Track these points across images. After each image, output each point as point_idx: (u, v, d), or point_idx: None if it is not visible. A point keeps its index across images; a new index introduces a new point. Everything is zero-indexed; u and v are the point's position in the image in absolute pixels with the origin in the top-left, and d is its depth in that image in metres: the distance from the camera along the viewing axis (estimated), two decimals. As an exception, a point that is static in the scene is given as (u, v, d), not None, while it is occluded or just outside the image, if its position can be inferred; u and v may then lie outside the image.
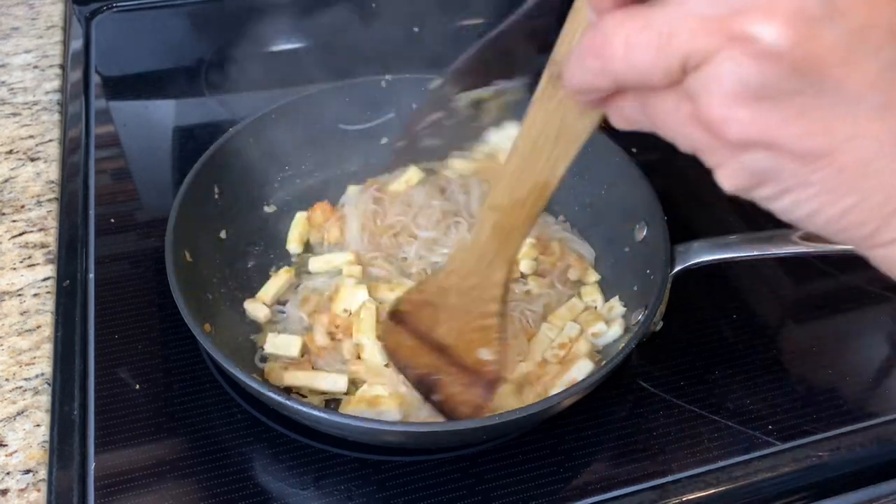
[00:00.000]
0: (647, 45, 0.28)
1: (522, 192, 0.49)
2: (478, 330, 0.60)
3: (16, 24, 1.05)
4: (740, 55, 0.26)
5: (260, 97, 0.99)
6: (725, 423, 0.65)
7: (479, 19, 1.16)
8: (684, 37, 0.27)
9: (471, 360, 0.61)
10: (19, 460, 0.60)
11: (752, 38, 0.26)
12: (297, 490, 0.60)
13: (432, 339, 0.61)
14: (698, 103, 0.28)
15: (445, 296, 0.59)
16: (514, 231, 0.53)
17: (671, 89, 0.29)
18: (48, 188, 0.82)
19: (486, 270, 0.56)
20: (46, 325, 0.69)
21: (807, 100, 0.26)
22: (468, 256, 0.56)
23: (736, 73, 0.26)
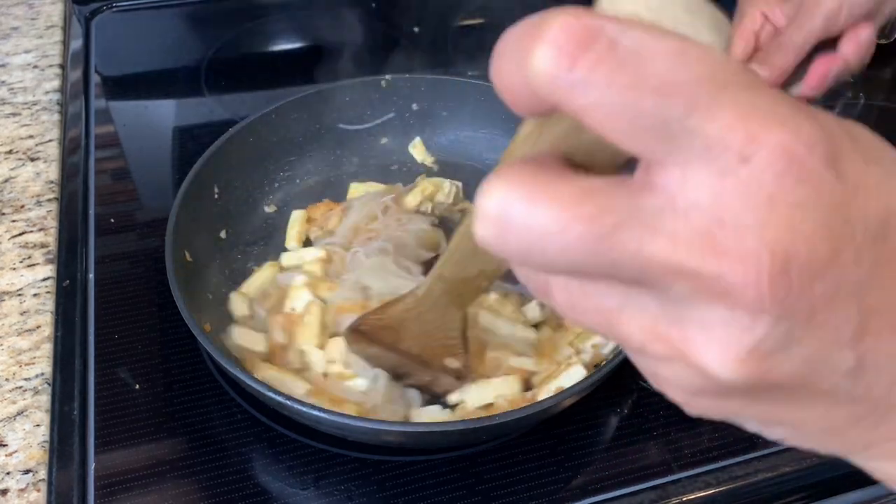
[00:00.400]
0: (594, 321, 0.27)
1: (469, 273, 0.50)
2: (440, 345, 0.61)
3: (15, 24, 1.05)
4: (694, 373, 0.25)
5: (260, 97, 0.99)
6: (725, 423, 0.65)
7: (479, 19, 1.17)
8: (633, 331, 0.26)
9: (436, 366, 0.63)
10: (19, 460, 0.60)
11: (705, 370, 0.24)
12: (297, 490, 0.60)
13: (396, 349, 0.62)
14: (656, 377, 0.28)
15: (404, 323, 0.60)
16: (465, 296, 0.55)
17: None
18: (48, 188, 0.82)
19: (441, 314, 0.57)
20: (46, 325, 0.69)
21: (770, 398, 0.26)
22: (420, 304, 0.57)
23: (692, 383, 0.26)
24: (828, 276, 0.23)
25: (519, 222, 0.23)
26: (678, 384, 0.26)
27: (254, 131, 0.79)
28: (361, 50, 1.08)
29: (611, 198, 0.23)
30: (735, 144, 0.22)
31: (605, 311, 0.26)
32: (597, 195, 0.23)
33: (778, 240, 0.22)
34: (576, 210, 0.23)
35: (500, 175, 0.24)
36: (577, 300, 0.26)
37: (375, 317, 0.62)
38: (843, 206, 0.23)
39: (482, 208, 0.24)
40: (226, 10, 1.16)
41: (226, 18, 1.14)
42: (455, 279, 0.52)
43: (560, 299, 0.27)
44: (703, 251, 0.22)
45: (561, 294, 0.27)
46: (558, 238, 0.23)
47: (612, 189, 0.23)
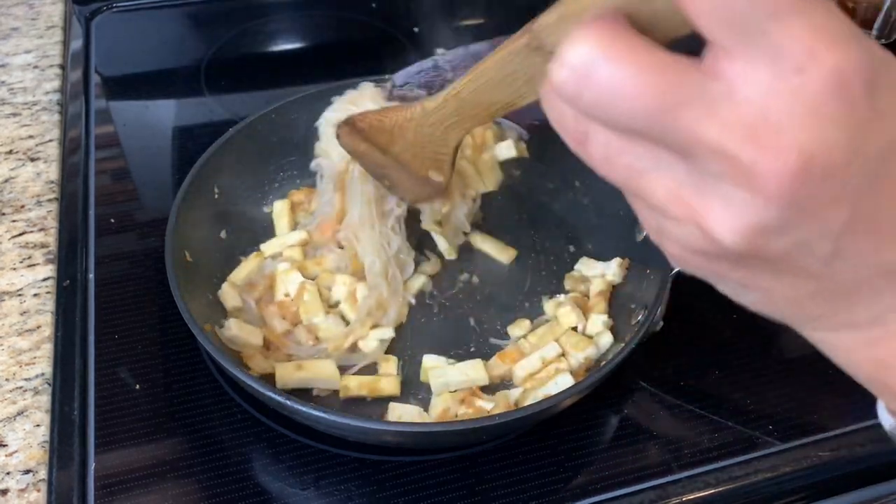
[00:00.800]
0: (624, 175, 0.30)
1: (485, 100, 0.51)
2: (430, 158, 0.64)
3: (16, 24, 1.05)
4: (701, 237, 0.29)
5: (260, 97, 0.99)
6: (725, 423, 0.65)
7: (479, 19, 1.17)
8: (660, 191, 0.29)
9: (422, 175, 0.66)
10: (19, 460, 0.60)
11: (712, 235, 0.29)
12: (297, 490, 0.60)
13: (386, 150, 0.65)
14: (661, 234, 0.32)
15: (402, 130, 0.62)
16: (475, 118, 0.56)
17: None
18: (48, 188, 0.82)
19: (444, 131, 0.60)
20: (46, 325, 0.69)
21: (752, 265, 0.30)
22: (427, 116, 0.60)
23: (695, 244, 0.30)
24: (837, 180, 0.27)
25: (600, 77, 0.27)
26: (681, 242, 0.31)
27: (254, 131, 0.79)
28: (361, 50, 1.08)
29: (683, 75, 0.27)
30: (796, 55, 0.25)
31: (638, 168, 0.29)
32: (672, 70, 0.27)
33: (808, 144, 0.26)
34: (653, 79, 0.26)
35: (590, 28, 0.27)
36: (614, 155, 0.30)
37: (376, 116, 0.64)
38: (867, 125, 0.26)
39: (567, 56, 0.27)
40: (226, 10, 1.16)
41: (226, 18, 1.13)
42: (472, 101, 0.53)
43: (596, 151, 0.30)
44: (746, 139, 0.26)
45: (598, 147, 0.30)
46: (631, 100, 0.27)
47: (685, 68, 0.27)
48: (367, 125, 0.64)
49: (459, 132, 0.60)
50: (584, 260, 0.77)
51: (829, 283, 0.31)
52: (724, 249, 0.29)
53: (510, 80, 0.46)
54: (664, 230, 0.31)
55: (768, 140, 0.26)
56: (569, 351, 0.68)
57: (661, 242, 0.33)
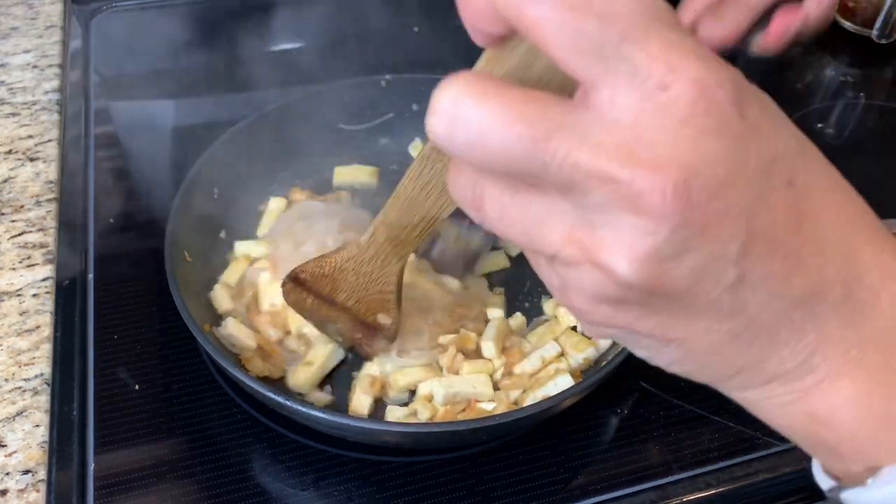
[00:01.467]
0: (520, 229, 0.30)
1: (411, 219, 0.54)
2: (375, 301, 0.64)
3: (15, 24, 1.05)
4: (601, 277, 0.28)
5: (260, 97, 0.99)
6: (725, 423, 0.65)
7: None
8: (554, 237, 0.29)
9: (370, 321, 0.65)
10: (19, 460, 0.60)
11: (610, 270, 0.28)
12: (297, 490, 0.60)
13: (332, 301, 0.64)
14: (565, 287, 0.31)
15: (343, 273, 0.63)
16: (407, 243, 0.58)
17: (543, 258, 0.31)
18: (47, 188, 0.82)
19: (382, 263, 0.61)
20: (46, 325, 0.69)
21: (658, 307, 0.30)
22: (362, 252, 0.60)
23: (594, 286, 0.29)
24: (723, 195, 0.27)
25: (468, 117, 0.27)
26: (582, 289, 0.30)
27: (253, 131, 0.79)
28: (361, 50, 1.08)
29: (551, 107, 0.27)
30: (657, 73, 0.25)
31: (530, 220, 0.29)
32: (539, 102, 0.27)
33: (685, 158, 0.26)
34: (520, 111, 0.26)
35: (456, 77, 0.28)
36: (507, 210, 0.30)
37: (316, 264, 0.63)
38: (742, 139, 0.27)
39: (437, 103, 0.28)
40: (226, 10, 1.16)
41: (226, 18, 1.13)
42: (398, 224, 0.55)
43: (492, 210, 0.30)
44: (621, 160, 0.26)
45: (493, 205, 0.30)
46: (501, 135, 0.26)
47: (553, 101, 0.27)
48: (308, 275, 0.63)
49: (397, 262, 0.61)
50: None
51: (744, 320, 0.30)
52: (624, 286, 0.28)
53: (427, 192, 0.49)
54: (566, 282, 0.30)
55: (645, 156, 0.26)
56: (568, 351, 0.68)
57: (567, 300, 0.32)
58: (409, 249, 0.59)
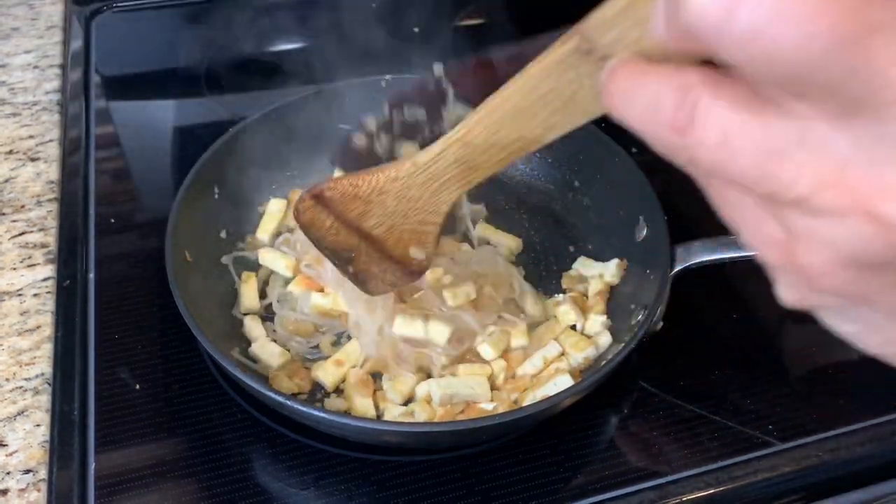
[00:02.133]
0: (753, 161, 0.23)
1: (502, 139, 0.43)
2: (411, 231, 0.55)
3: (16, 25, 1.05)
4: (874, 233, 0.22)
5: (260, 97, 0.99)
6: (725, 423, 0.65)
7: (479, 19, 1.17)
8: (807, 177, 0.23)
9: (397, 253, 0.57)
10: (19, 460, 0.60)
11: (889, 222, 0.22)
12: (297, 490, 0.60)
13: (357, 226, 0.56)
14: (794, 241, 0.24)
15: (382, 196, 0.54)
16: (480, 168, 0.48)
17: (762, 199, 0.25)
18: (48, 188, 0.82)
19: (436, 189, 0.51)
20: (46, 325, 0.69)
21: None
22: (418, 172, 0.51)
23: (861, 246, 0.23)
24: None
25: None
26: (831, 245, 0.23)
27: (254, 131, 0.79)
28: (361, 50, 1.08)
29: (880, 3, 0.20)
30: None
31: (772, 148, 0.23)
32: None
33: None
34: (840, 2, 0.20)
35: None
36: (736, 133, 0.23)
37: (350, 182, 0.55)
38: None
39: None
40: (226, 10, 1.16)
41: (226, 18, 1.13)
42: (482, 143, 0.45)
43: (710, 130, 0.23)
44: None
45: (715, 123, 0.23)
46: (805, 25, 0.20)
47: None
48: (337, 193, 0.55)
49: (456, 189, 0.51)
50: (582, 259, 0.77)
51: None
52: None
53: (540, 106, 0.39)
54: (801, 235, 0.24)
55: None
56: (568, 351, 0.68)
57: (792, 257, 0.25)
58: (477, 177, 0.49)
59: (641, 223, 0.72)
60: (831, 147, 0.22)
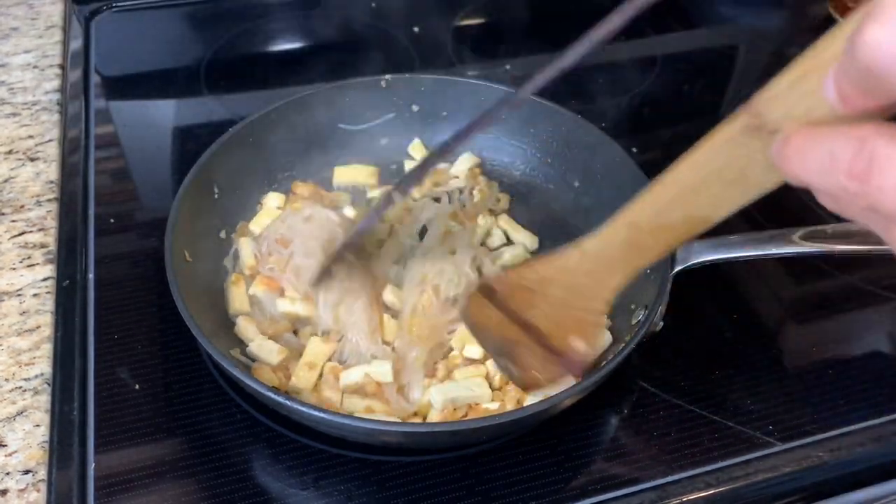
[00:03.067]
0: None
1: (671, 219, 0.44)
2: (574, 320, 0.55)
3: (15, 24, 1.05)
4: None
5: (260, 97, 0.99)
6: (725, 423, 0.65)
7: (479, 19, 1.17)
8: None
9: (559, 345, 0.56)
10: (19, 460, 0.60)
11: None
12: (297, 490, 0.60)
13: (519, 318, 0.56)
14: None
15: (547, 286, 0.54)
16: (648, 250, 0.47)
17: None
18: (48, 188, 0.82)
19: (602, 276, 0.51)
20: (46, 325, 0.69)
21: None
22: (585, 260, 0.51)
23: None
24: None
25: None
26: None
27: (254, 131, 0.79)
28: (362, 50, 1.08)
29: None
30: None
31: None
32: None
33: None
34: None
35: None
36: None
37: (517, 273, 0.56)
38: None
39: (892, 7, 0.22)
40: (226, 10, 1.16)
41: (226, 18, 1.13)
42: (651, 224, 0.45)
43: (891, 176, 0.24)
44: None
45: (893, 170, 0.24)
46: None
47: None
48: (506, 287, 0.55)
49: (621, 276, 0.50)
50: None
51: None
52: None
53: (709, 184, 0.40)
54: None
55: None
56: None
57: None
58: (645, 261, 0.48)
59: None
60: None
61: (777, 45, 1.17)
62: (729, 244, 0.65)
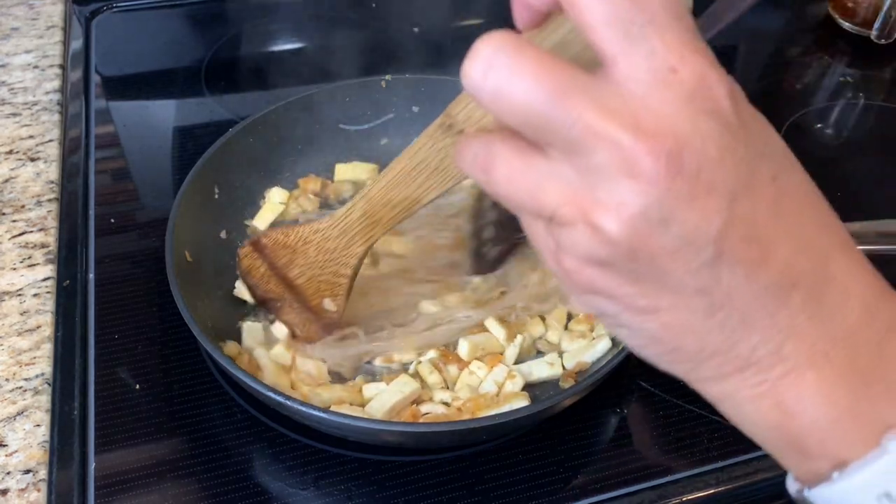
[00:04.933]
0: (524, 188, 0.32)
1: (394, 198, 0.54)
2: (327, 283, 0.64)
3: (16, 25, 1.05)
4: (591, 235, 0.31)
5: (260, 97, 0.99)
6: (725, 423, 0.64)
7: (479, 19, 1.17)
8: (554, 198, 0.32)
9: (314, 304, 0.66)
10: (19, 460, 0.60)
11: (600, 228, 0.30)
12: (297, 490, 0.60)
13: (283, 275, 0.65)
14: (559, 249, 0.33)
15: (306, 246, 0.63)
16: (380, 223, 0.58)
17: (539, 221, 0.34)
18: (48, 188, 0.82)
19: (347, 242, 0.61)
20: (46, 325, 0.69)
21: (641, 273, 0.32)
22: (334, 226, 0.61)
23: (586, 246, 0.31)
24: (711, 171, 0.30)
25: (504, 66, 0.30)
26: (573, 249, 0.32)
27: (254, 131, 0.79)
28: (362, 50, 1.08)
29: (577, 73, 0.30)
30: (670, 59, 0.30)
31: (534, 181, 0.32)
32: (567, 68, 0.30)
33: (682, 131, 0.29)
34: (550, 70, 0.30)
35: (500, 32, 0.31)
36: (515, 171, 0.33)
37: (282, 232, 0.65)
38: (734, 129, 0.30)
39: (479, 49, 0.30)
40: (226, 10, 1.16)
41: (226, 18, 1.14)
42: (380, 201, 0.56)
43: (501, 171, 0.33)
44: (626, 126, 0.29)
45: (502, 166, 0.33)
46: (529, 86, 0.30)
47: (579, 70, 0.30)
48: (270, 241, 0.65)
49: (363, 243, 0.61)
50: None
51: (720, 299, 0.32)
52: (611, 244, 0.31)
53: (419, 171, 0.50)
54: (559, 243, 0.33)
55: (647, 126, 0.29)
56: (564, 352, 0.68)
57: (558, 263, 0.34)
58: (377, 233, 0.59)
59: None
60: (566, 176, 0.31)
61: (777, 45, 1.17)
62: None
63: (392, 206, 0.56)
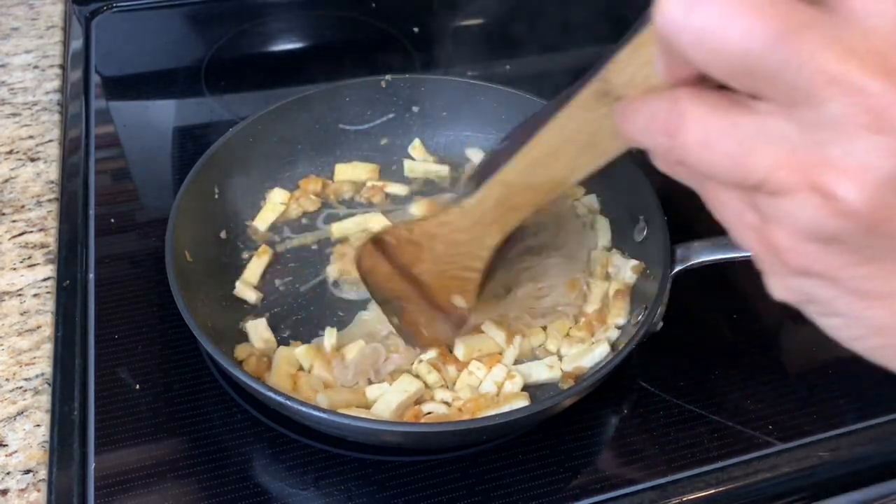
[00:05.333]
0: (725, 152, 0.27)
1: (535, 180, 0.48)
2: (456, 278, 0.59)
3: (16, 25, 1.05)
4: (820, 205, 0.25)
5: (260, 97, 0.99)
6: (725, 423, 0.65)
7: (479, 19, 1.17)
8: (766, 161, 0.26)
9: (442, 301, 0.61)
10: (19, 460, 0.60)
11: (834, 196, 0.25)
12: (297, 490, 0.60)
13: (408, 272, 0.60)
14: (766, 223, 0.28)
15: (432, 241, 0.58)
16: (518, 209, 0.52)
17: (738, 190, 0.28)
18: (48, 188, 0.82)
19: (480, 233, 0.56)
20: (46, 325, 0.69)
21: (878, 251, 0.27)
22: (465, 216, 0.55)
23: (812, 219, 0.26)
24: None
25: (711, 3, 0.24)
26: (792, 222, 0.27)
27: (254, 131, 0.79)
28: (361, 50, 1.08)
29: (801, 5, 0.24)
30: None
31: (738, 141, 0.27)
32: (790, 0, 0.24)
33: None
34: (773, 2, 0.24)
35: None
36: (712, 132, 0.27)
37: (406, 227, 0.59)
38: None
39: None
40: (226, 10, 1.16)
41: (226, 18, 1.13)
42: (518, 184, 0.49)
43: (694, 132, 0.28)
44: (872, 69, 0.23)
45: (696, 127, 0.27)
46: (745, 25, 0.24)
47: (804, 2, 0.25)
48: (393, 238, 0.59)
49: (499, 232, 0.55)
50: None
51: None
52: (848, 216, 0.25)
53: (566, 147, 0.43)
54: (769, 216, 0.27)
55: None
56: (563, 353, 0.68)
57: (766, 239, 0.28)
58: (515, 220, 0.53)
59: (641, 223, 0.72)
60: (783, 135, 0.26)
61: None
62: (728, 244, 0.65)
63: (534, 190, 0.49)
